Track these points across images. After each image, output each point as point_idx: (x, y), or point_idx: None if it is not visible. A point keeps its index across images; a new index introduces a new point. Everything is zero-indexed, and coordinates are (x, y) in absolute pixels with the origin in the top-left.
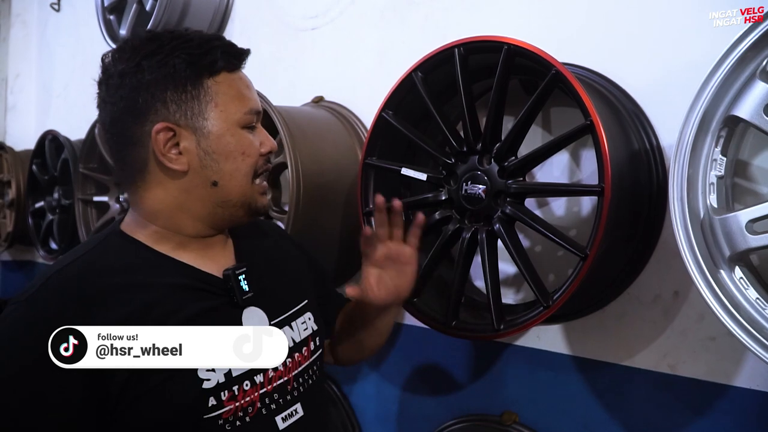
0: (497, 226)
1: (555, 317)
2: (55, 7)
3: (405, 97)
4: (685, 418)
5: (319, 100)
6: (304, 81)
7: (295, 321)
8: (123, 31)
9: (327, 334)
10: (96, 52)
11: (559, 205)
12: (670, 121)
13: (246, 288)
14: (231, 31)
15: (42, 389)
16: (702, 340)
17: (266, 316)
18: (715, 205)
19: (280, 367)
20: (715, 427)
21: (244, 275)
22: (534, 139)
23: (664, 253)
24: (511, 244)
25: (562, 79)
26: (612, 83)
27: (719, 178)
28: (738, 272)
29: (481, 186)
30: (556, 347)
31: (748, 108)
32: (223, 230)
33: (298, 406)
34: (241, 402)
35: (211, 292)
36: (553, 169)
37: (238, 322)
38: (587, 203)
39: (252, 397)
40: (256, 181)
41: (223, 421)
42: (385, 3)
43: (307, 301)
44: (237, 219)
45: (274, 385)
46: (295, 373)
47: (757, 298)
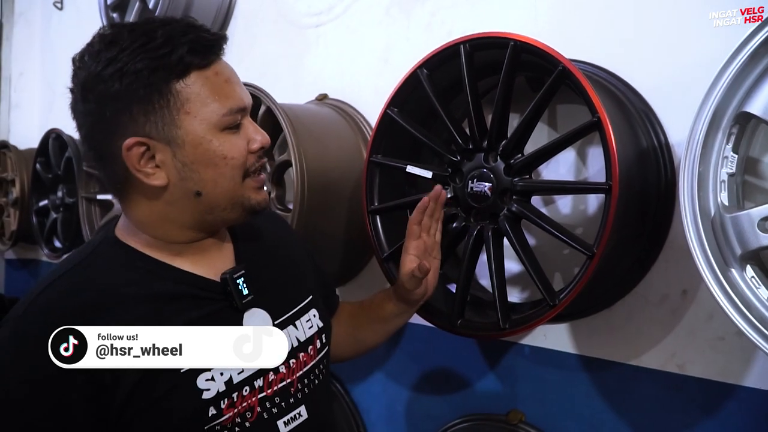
0: (503, 224)
1: (561, 316)
2: (58, 5)
3: (410, 95)
4: (694, 418)
5: (323, 98)
6: (308, 78)
7: (300, 319)
8: None
9: None
10: None
11: (565, 203)
12: (679, 118)
13: (245, 291)
14: (234, 29)
15: (44, 398)
16: (711, 340)
17: (269, 316)
18: (726, 203)
19: (283, 370)
20: (724, 428)
21: (243, 278)
22: (540, 137)
23: (673, 251)
24: (517, 242)
25: (569, 76)
26: (620, 80)
27: (730, 176)
28: (749, 271)
29: (486, 184)
30: (562, 346)
31: (760, 104)
32: (218, 232)
33: (302, 409)
34: (239, 408)
35: (210, 299)
36: (560, 167)
37: (239, 325)
38: (594, 201)
39: (250, 402)
40: (246, 180)
41: (220, 428)
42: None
43: (311, 297)
44: (232, 220)
45: (275, 389)
46: (300, 374)
47: None
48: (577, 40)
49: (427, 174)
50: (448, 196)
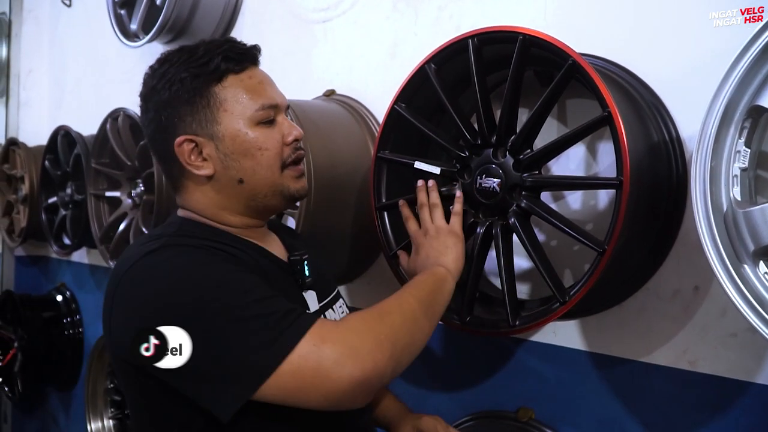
0: (512, 220)
1: (572, 313)
2: (67, 2)
3: (418, 90)
4: (706, 415)
5: (330, 94)
6: (316, 74)
7: (334, 305)
8: (134, 26)
9: None
10: (107, 47)
11: (575, 199)
12: (691, 112)
13: (307, 272)
14: (242, 25)
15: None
16: (723, 336)
17: (317, 298)
18: (738, 198)
19: None
20: (736, 425)
21: (307, 261)
22: (550, 132)
23: (684, 247)
24: (526, 239)
25: (579, 70)
26: (630, 74)
27: (743, 171)
28: (762, 267)
29: (495, 179)
30: (572, 343)
31: None
32: (267, 218)
33: None
34: None
35: (283, 276)
36: (570, 162)
37: (303, 302)
38: (605, 197)
39: None
40: (285, 170)
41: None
42: None
43: (338, 289)
44: (274, 207)
45: None
46: None
47: None
48: (586, 34)
49: (436, 170)
50: (457, 193)
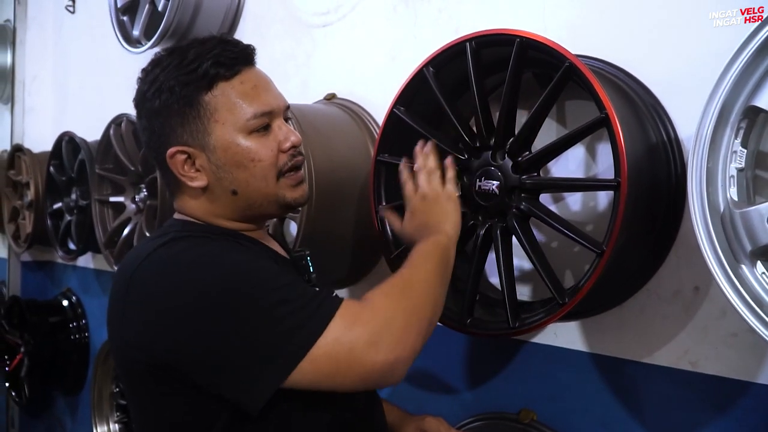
0: (512, 222)
1: (572, 314)
2: (70, 9)
3: (417, 93)
4: (707, 416)
5: (331, 98)
6: (317, 78)
7: None
8: (136, 32)
9: None
10: (110, 53)
11: (574, 200)
12: (690, 113)
13: (312, 269)
14: (243, 29)
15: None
16: (724, 337)
17: None
18: (735, 199)
19: None
20: (738, 426)
21: (309, 257)
22: (549, 134)
23: (684, 247)
24: (525, 241)
25: (576, 72)
26: (628, 75)
27: (739, 171)
28: (760, 267)
29: (494, 182)
30: (573, 344)
31: None
32: (265, 222)
33: None
34: None
35: (289, 269)
36: (569, 164)
37: None
38: (604, 198)
39: None
40: (282, 179)
41: None
42: None
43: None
44: (272, 215)
45: None
46: None
47: None
48: (585, 35)
49: None
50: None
